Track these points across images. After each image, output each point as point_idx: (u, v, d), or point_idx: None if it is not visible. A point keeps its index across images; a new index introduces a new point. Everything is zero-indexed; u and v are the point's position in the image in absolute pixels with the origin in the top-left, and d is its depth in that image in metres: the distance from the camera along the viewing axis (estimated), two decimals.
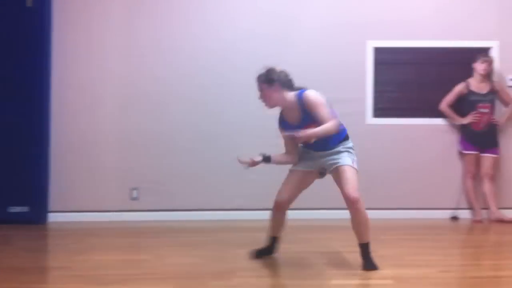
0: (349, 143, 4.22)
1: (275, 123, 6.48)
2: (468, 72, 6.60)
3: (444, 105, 6.60)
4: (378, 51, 6.67)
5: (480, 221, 6.40)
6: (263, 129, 6.53)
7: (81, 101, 6.47)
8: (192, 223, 6.27)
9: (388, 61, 6.72)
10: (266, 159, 4.33)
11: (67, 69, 6.46)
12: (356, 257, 4.33)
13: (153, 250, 4.82)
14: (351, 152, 4.18)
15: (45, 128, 6.31)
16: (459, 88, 6.59)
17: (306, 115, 4.10)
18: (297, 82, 6.60)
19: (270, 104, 4.23)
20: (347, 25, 6.58)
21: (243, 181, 6.51)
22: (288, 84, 4.21)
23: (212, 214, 6.48)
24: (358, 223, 4.07)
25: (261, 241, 5.22)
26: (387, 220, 6.08)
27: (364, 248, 4.13)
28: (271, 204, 6.49)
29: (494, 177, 6.56)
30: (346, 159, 4.11)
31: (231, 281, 3.81)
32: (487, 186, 6.50)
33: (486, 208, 6.52)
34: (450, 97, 6.59)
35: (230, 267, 4.20)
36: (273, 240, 4.55)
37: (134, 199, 6.48)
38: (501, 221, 6.36)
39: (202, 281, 3.79)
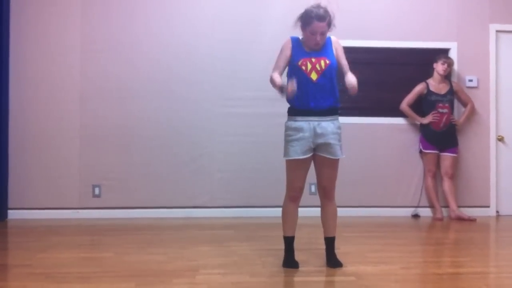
0: (338, 119, 4.18)
1: (238, 121, 6.54)
2: (427, 73, 6.71)
3: (404, 104, 6.69)
4: None
5: (440, 219, 6.50)
6: (226, 126, 6.56)
7: (39, 96, 6.37)
8: (155, 220, 6.23)
9: (349, 60, 6.75)
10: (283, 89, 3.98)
11: (25, 65, 6.36)
12: (318, 253, 4.36)
13: (115, 248, 4.76)
14: (340, 135, 4.12)
15: (3, 124, 6.19)
16: (418, 88, 6.69)
17: (328, 49, 4.11)
18: (262, 82, 6.65)
19: (323, 41, 4.06)
20: None
21: (206, 179, 6.51)
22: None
23: (175, 212, 6.45)
24: (329, 215, 4.11)
25: (224, 238, 5.23)
26: (349, 218, 6.12)
27: (330, 243, 4.15)
28: (235, 202, 6.55)
29: (454, 176, 6.68)
30: (339, 151, 4.05)
31: (194, 278, 3.78)
32: (447, 185, 6.61)
33: (446, 206, 6.64)
34: (410, 97, 6.69)
35: (193, 264, 4.17)
36: (292, 242, 4.16)
37: (96, 196, 6.40)
38: (461, 219, 6.47)
39: (165, 278, 3.76)
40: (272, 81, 4.03)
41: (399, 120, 6.79)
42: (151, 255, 4.48)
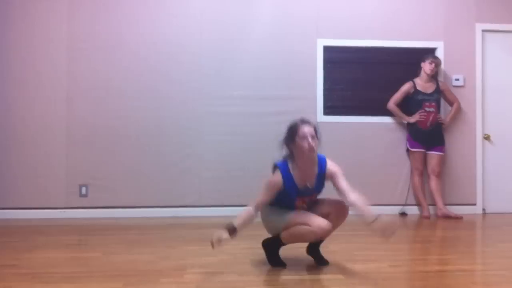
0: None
1: (226, 120, 6.54)
2: (414, 72, 6.74)
3: (391, 103, 6.72)
4: (328, 49, 6.74)
5: (427, 217, 6.54)
6: (213, 126, 6.55)
7: (25, 96, 6.33)
8: (142, 220, 6.21)
9: (338, 59, 6.79)
10: (232, 230, 3.87)
11: (11, 64, 6.32)
12: (305, 252, 4.36)
13: (102, 248, 4.74)
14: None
15: None
16: (405, 87, 6.72)
17: (319, 181, 4.02)
18: (250, 81, 6.65)
19: (315, 152, 3.96)
20: (298, 23, 6.61)
21: (194, 178, 6.50)
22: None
23: (163, 211, 6.43)
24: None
25: (210, 237, 5.21)
26: None
27: (315, 247, 4.18)
28: (223, 201, 6.54)
29: (440, 174, 6.72)
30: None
31: (182, 278, 3.77)
32: (433, 183, 6.65)
33: (433, 204, 6.67)
34: (397, 96, 6.72)
35: (181, 263, 4.16)
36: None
37: (83, 196, 6.37)
38: (447, 217, 6.51)
39: (153, 278, 3.74)
40: (214, 235, 3.83)
41: (387, 119, 6.82)
42: (139, 255, 4.46)
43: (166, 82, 6.51)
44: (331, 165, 4.08)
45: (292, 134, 3.90)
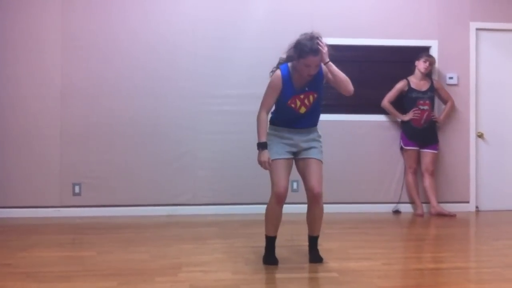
0: (318, 130, 4.25)
1: (220, 119, 6.54)
2: (408, 70, 6.75)
3: (385, 102, 6.73)
4: None
5: (421, 215, 6.55)
6: (208, 124, 6.55)
7: (19, 94, 6.31)
8: (137, 219, 6.20)
9: (332, 58, 6.76)
10: (265, 146, 4.06)
11: (5, 62, 6.30)
12: (300, 250, 4.38)
13: (97, 247, 4.73)
14: (321, 142, 4.19)
15: None
16: (399, 85, 6.73)
17: (317, 82, 4.08)
18: (245, 80, 6.67)
19: (315, 72, 4.03)
20: (292, 21, 6.61)
21: (189, 177, 6.50)
22: None
23: (158, 210, 6.43)
24: (316, 216, 4.12)
25: (207, 236, 5.23)
26: (331, 214, 6.11)
27: (314, 241, 4.18)
28: (218, 200, 6.55)
29: (434, 173, 6.74)
30: (318, 153, 4.12)
31: (176, 276, 3.77)
32: (427, 181, 6.67)
33: (427, 202, 6.69)
34: (391, 94, 6.73)
35: (176, 262, 4.16)
36: (274, 241, 4.17)
37: (76, 194, 6.36)
38: (441, 214, 6.53)
39: (147, 277, 3.75)
40: (260, 157, 4.04)
41: (381, 117, 6.83)
42: (133, 254, 4.46)
43: (160, 81, 6.49)
44: (326, 70, 4.14)
45: (299, 56, 3.94)
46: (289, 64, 4.08)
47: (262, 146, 4.03)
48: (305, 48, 3.90)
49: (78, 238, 5.30)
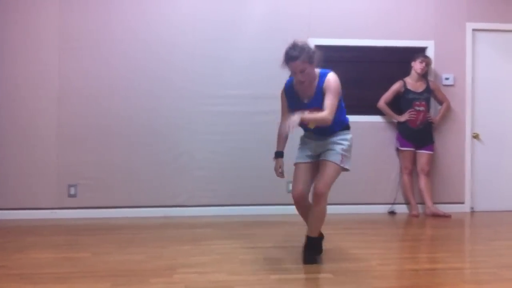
0: (348, 134, 4.26)
1: (219, 119, 6.54)
2: (404, 71, 6.76)
3: (381, 102, 6.74)
4: (319, 48, 6.72)
5: (416, 216, 6.56)
6: (206, 125, 6.55)
7: (16, 94, 6.30)
8: (134, 220, 6.20)
9: (329, 58, 6.77)
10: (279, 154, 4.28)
11: (1, 62, 6.28)
12: (296, 251, 4.38)
13: (93, 248, 4.73)
14: (344, 146, 4.19)
15: None
16: (396, 86, 6.74)
17: (319, 96, 4.08)
18: (243, 80, 6.67)
19: (308, 80, 4.06)
20: (290, 22, 6.62)
21: (186, 178, 6.50)
22: (318, 60, 4.12)
23: (155, 211, 6.42)
24: (314, 216, 4.16)
25: (204, 237, 5.22)
26: (327, 215, 6.13)
27: (310, 241, 4.19)
28: (215, 201, 6.55)
29: (430, 173, 6.74)
30: (335, 156, 4.13)
31: (171, 277, 3.77)
32: (423, 182, 6.68)
33: (422, 203, 6.70)
34: (387, 95, 6.74)
35: (172, 263, 4.16)
36: (306, 240, 4.25)
37: (72, 196, 6.35)
38: (436, 215, 6.54)
39: (142, 278, 3.74)
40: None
41: (377, 118, 6.83)
42: (129, 255, 4.45)
43: (158, 81, 6.49)
44: (329, 80, 4.12)
45: (283, 63, 4.05)
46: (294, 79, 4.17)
47: (275, 155, 4.27)
48: (285, 56, 4.01)
49: (74, 239, 5.29)
